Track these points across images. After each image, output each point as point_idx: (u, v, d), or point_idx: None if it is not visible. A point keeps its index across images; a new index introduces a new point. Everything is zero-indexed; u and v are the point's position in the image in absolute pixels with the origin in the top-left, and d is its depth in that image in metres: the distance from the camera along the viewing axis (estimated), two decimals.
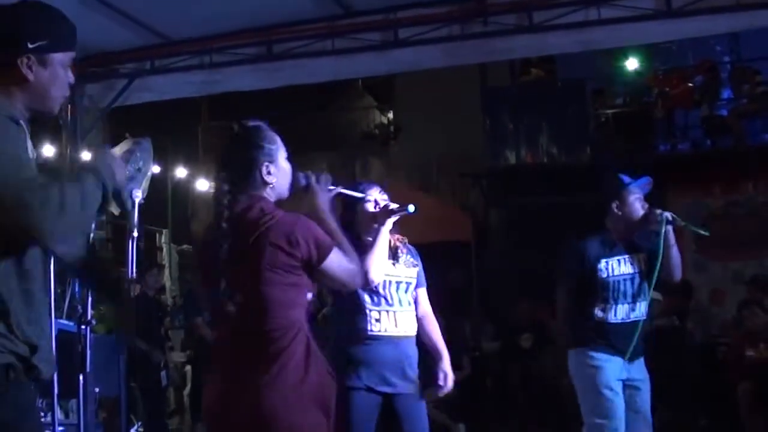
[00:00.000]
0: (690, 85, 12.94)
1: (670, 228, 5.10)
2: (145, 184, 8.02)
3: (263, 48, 8.20)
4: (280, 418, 3.04)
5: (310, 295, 3.30)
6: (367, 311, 4.36)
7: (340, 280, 3.32)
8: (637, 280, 5.17)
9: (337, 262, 3.22)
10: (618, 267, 5.15)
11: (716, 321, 10.54)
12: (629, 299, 5.14)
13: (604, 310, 5.11)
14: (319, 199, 3.44)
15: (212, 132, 20.41)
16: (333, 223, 3.38)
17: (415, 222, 4.55)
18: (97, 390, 5.43)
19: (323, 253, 3.16)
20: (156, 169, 9.55)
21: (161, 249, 17.38)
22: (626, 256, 5.19)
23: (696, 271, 11.69)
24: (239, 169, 3.29)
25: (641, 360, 5.21)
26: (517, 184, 13.22)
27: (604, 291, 5.11)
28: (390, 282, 4.43)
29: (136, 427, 8.79)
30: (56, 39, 2.72)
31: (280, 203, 3.33)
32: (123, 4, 7.34)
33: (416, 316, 4.62)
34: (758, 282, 9.38)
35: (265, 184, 3.28)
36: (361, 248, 4.18)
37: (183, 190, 19.96)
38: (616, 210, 5.19)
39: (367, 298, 4.36)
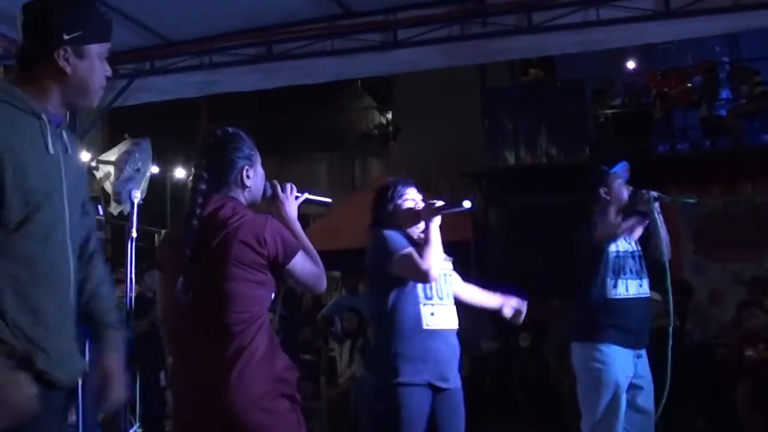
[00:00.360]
0: (689, 85, 12.96)
1: (657, 205, 5.21)
2: (144, 184, 8.05)
3: (263, 48, 8.21)
4: (252, 411, 3.08)
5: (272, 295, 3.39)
6: (422, 306, 4.36)
7: (305, 281, 3.37)
8: (637, 258, 5.29)
9: (303, 263, 3.30)
10: (621, 244, 5.25)
11: (715, 322, 10.54)
12: (635, 275, 5.24)
13: (616, 286, 5.17)
14: (284, 207, 3.56)
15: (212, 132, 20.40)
16: (298, 229, 3.49)
17: None
18: None
19: (290, 254, 3.24)
20: (155, 169, 9.57)
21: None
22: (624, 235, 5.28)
23: (695, 271, 11.71)
24: (221, 170, 3.36)
25: (645, 357, 5.22)
26: (517, 184, 13.23)
27: (614, 266, 5.19)
28: (439, 276, 4.43)
29: (135, 427, 8.78)
30: (92, 30, 2.66)
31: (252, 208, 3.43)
32: (123, 4, 7.35)
33: (465, 297, 4.73)
34: (757, 283, 9.39)
35: (244, 187, 3.37)
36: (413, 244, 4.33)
37: (182, 190, 19.97)
38: (604, 195, 5.31)
39: (421, 292, 4.37)
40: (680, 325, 8.97)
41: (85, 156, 8.58)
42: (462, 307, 4.65)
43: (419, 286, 4.37)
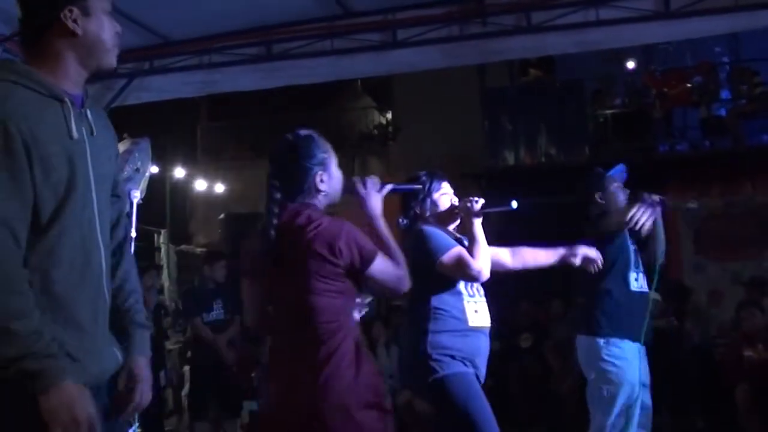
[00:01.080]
0: (688, 85, 12.97)
1: (658, 209, 5.18)
2: (143, 184, 8.04)
3: (262, 48, 8.20)
4: (335, 418, 3.05)
5: (362, 300, 3.43)
6: (466, 304, 4.33)
7: (385, 285, 3.29)
8: (636, 255, 5.29)
9: (382, 267, 3.22)
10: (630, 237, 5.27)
11: (714, 322, 10.54)
12: (640, 269, 5.27)
13: (638, 279, 5.22)
14: (366, 204, 3.47)
15: (211, 132, 20.43)
16: (382, 228, 3.40)
17: None
18: None
19: (367, 260, 3.17)
20: (154, 169, 9.55)
21: (159, 249, 17.34)
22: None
23: (694, 271, 11.72)
24: (294, 178, 3.31)
25: (645, 356, 5.21)
26: (516, 185, 13.22)
27: (636, 259, 5.24)
28: None
29: (134, 427, 8.78)
30: None
31: (333, 208, 3.41)
32: (121, 3, 7.33)
33: (511, 264, 4.72)
34: (756, 283, 9.39)
35: (318, 191, 3.31)
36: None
37: (181, 190, 19.98)
38: (600, 200, 5.32)
39: (464, 290, 4.34)
40: (679, 326, 8.98)
41: None
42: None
43: (462, 283, 4.33)
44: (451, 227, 4.54)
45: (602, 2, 7.40)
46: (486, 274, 4.26)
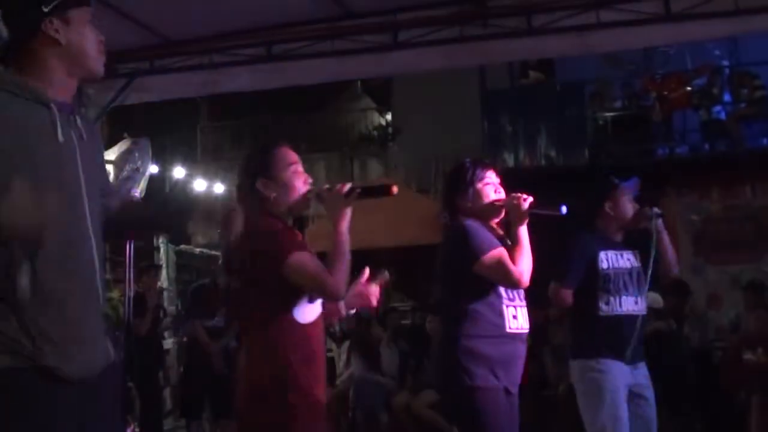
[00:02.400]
0: (688, 88, 12.97)
1: (660, 222, 5.18)
2: (143, 183, 8.04)
3: (262, 49, 8.20)
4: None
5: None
6: (505, 308, 4.14)
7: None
8: (635, 275, 5.20)
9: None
10: (617, 260, 5.19)
11: (713, 325, 10.54)
12: (631, 293, 5.15)
13: (608, 303, 5.10)
14: (329, 210, 3.38)
15: (211, 132, 20.45)
16: (339, 233, 3.33)
17: (412, 224, 4.54)
18: None
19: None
20: (154, 168, 9.54)
21: (158, 249, 17.32)
22: (622, 252, 5.23)
23: (693, 274, 11.70)
24: (240, 190, 3.49)
25: (644, 366, 5.20)
26: (515, 187, 13.21)
27: (607, 283, 5.11)
28: None
29: (132, 427, 8.78)
30: None
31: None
32: (122, 4, 7.34)
33: None
34: (755, 286, 9.37)
35: (266, 198, 3.39)
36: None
37: (182, 190, 19.97)
38: (608, 210, 5.26)
39: (503, 293, 4.14)
40: (678, 328, 8.98)
41: None
42: None
43: (502, 288, 4.13)
44: (494, 223, 4.32)
45: (603, 5, 7.40)
46: (526, 281, 4.08)
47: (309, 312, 3.34)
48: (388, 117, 19.19)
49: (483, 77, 14.02)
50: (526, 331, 4.25)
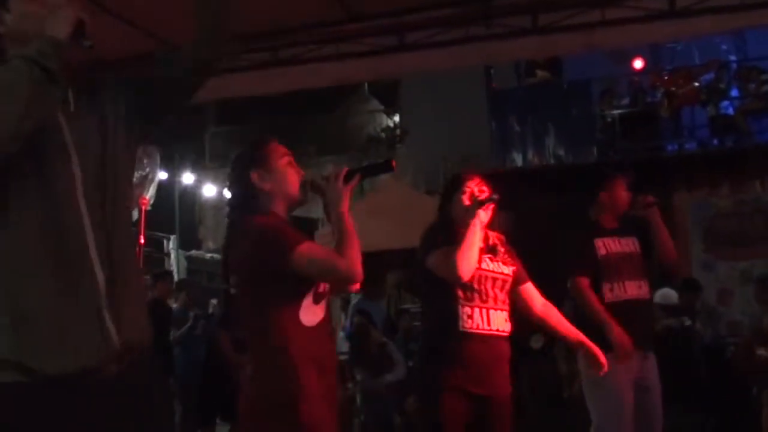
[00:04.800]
0: (696, 84, 12.96)
1: (655, 209, 5.25)
2: (152, 190, 8.06)
3: (269, 53, 8.21)
4: None
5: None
6: (459, 307, 4.17)
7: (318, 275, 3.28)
8: (636, 259, 5.25)
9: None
10: (614, 245, 5.24)
11: (724, 320, 10.52)
12: (633, 277, 5.19)
13: (612, 289, 5.14)
14: (328, 197, 3.33)
15: (219, 137, 20.49)
16: (341, 218, 3.26)
17: (421, 225, 4.52)
18: None
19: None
20: (163, 175, 9.55)
21: (169, 255, 17.40)
22: (618, 238, 5.28)
23: (703, 270, 11.69)
24: (233, 188, 3.46)
25: (653, 358, 5.20)
26: (525, 186, 13.22)
27: (607, 268, 5.15)
28: (486, 277, 4.25)
29: None
30: None
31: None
32: (126, 11, 7.36)
33: (535, 312, 4.50)
34: (766, 281, 9.34)
35: (260, 192, 3.34)
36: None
37: (190, 196, 20.03)
38: (605, 199, 5.31)
39: (460, 293, 4.18)
40: (690, 324, 8.97)
41: None
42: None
43: (459, 286, 4.16)
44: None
45: (608, 2, 7.40)
46: (461, 274, 4.07)
47: (314, 314, 3.26)
48: (396, 119, 19.21)
49: (489, 77, 14.03)
50: (490, 332, 4.22)
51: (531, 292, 4.54)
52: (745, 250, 11.94)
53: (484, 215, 4.27)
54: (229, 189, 3.46)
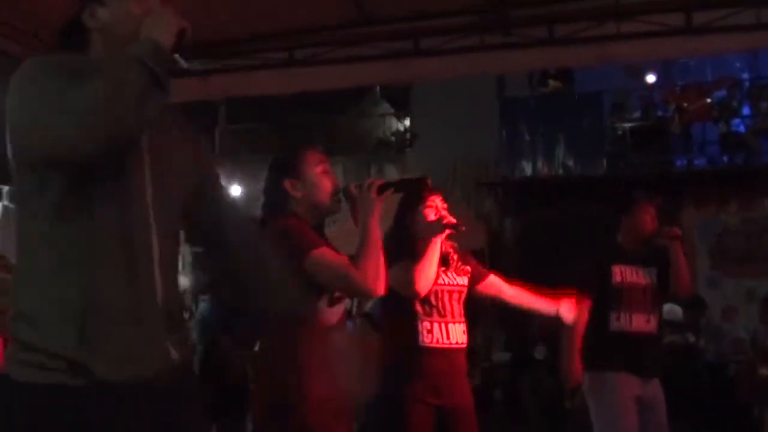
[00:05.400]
0: (708, 100, 12.96)
1: (677, 242, 5.19)
2: None
3: (285, 53, 8.22)
4: None
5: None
6: (419, 322, 4.20)
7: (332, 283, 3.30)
8: (649, 293, 5.19)
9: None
10: (631, 275, 5.19)
11: (728, 338, 10.52)
12: (643, 310, 5.14)
13: (619, 319, 5.10)
14: (359, 207, 3.35)
15: (229, 135, 20.50)
16: (369, 229, 3.27)
17: None
18: None
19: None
20: None
21: None
22: (638, 267, 5.22)
23: (708, 287, 11.68)
24: (266, 192, 3.51)
25: (657, 380, 5.20)
26: (533, 195, 13.25)
27: (618, 297, 5.11)
28: (443, 291, 4.28)
29: None
30: None
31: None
32: None
33: (508, 299, 4.58)
34: None
35: (291, 199, 3.38)
36: (414, 254, 4.13)
37: None
38: (628, 224, 5.27)
39: (419, 308, 4.20)
40: (694, 341, 8.97)
41: None
42: (473, 316, 4.53)
43: (418, 301, 4.19)
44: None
45: (624, 16, 7.39)
46: (418, 290, 4.09)
47: (330, 315, 3.30)
48: (407, 123, 19.21)
49: (502, 85, 14.04)
50: (449, 346, 4.24)
51: (495, 282, 4.60)
52: (751, 269, 11.94)
53: (442, 236, 4.23)
54: (263, 192, 3.49)
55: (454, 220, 4.25)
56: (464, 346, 4.33)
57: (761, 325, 9.22)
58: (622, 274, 5.16)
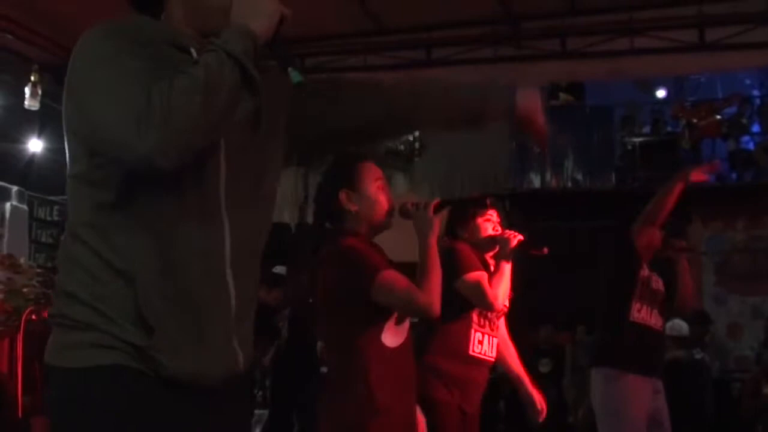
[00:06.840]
0: (718, 117, 12.94)
1: (683, 255, 5.29)
2: None
3: (297, 60, 8.25)
4: None
5: None
6: (473, 332, 4.20)
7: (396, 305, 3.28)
8: (659, 298, 5.25)
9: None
10: (653, 278, 5.24)
11: (733, 355, 10.51)
12: (659, 312, 5.21)
13: (640, 310, 5.14)
14: (417, 226, 3.38)
15: None
16: (428, 249, 3.31)
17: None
18: None
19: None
20: None
21: None
22: (656, 274, 5.28)
23: (714, 303, 11.66)
24: (319, 200, 3.50)
25: (663, 394, 5.20)
26: (541, 208, 13.22)
27: (643, 289, 5.16)
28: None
29: None
30: None
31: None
32: None
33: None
34: None
35: (347, 213, 3.34)
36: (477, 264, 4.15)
37: None
38: (636, 236, 5.28)
39: (475, 317, 4.21)
40: (700, 357, 8.95)
41: None
42: None
43: (475, 310, 4.18)
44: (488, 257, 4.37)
45: (637, 32, 7.41)
46: (499, 305, 4.12)
47: (396, 335, 3.27)
48: (415, 132, 19.18)
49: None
50: (490, 359, 4.29)
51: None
52: (757, 286, 11.91)
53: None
54: (314, 200, 3.45)
55: (519, 238, 4.26)
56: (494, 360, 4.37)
57: (766, 343, 9.20)
58: (649, 271, 5.21)
